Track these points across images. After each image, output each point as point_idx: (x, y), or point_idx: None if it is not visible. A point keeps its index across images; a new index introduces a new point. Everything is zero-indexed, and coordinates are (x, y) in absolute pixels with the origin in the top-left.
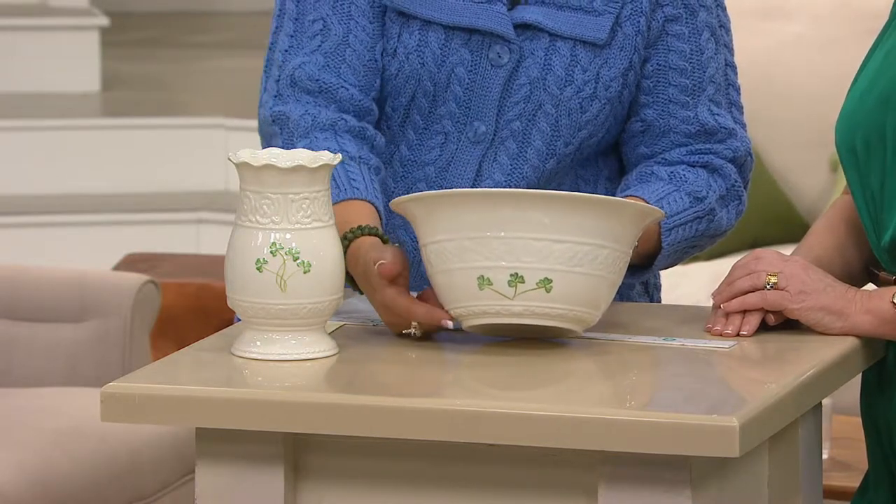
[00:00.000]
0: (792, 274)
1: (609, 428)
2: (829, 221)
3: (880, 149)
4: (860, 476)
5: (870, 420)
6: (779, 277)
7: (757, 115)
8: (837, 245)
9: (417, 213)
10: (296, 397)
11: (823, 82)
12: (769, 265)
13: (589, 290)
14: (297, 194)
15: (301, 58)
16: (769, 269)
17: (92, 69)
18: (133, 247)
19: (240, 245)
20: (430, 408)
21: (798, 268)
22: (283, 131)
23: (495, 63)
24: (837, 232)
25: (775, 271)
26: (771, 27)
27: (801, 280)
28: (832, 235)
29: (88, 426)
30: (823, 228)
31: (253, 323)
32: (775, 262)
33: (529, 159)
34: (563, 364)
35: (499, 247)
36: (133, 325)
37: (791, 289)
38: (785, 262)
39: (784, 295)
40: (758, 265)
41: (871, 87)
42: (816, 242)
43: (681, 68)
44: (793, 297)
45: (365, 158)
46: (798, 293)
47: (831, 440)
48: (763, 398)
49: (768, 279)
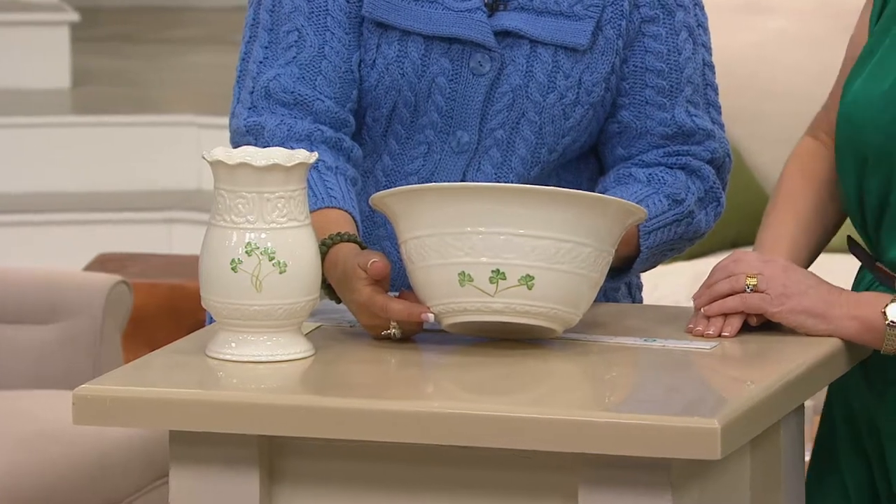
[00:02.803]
0: (772, 276)
1: (589, 430)
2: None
3: (888, 166)
4: None
5: (843, 406)
6: (759, 280)
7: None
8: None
9: (397, 208)
10: (271, 399)
11: (806, 79)
12: (749, 267)
13: (570, 288)
14: (272, 193)
15: (276, 69)
16: (749, 272)
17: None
18: (104, 247)
19: (214, 245)
20: (407, 410)
21: (778, 269)
22: (258, 141)
23: (477, 72)
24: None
25: (755, 273)
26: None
27: (781, 282)
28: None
29: (58, 429)
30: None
31: (227, 324)
32: (755, 264)
33: (514, 168)
34: (542, 365)
35: (480, 242)
36: (104, 327)
37: (771, 291)
38: (765, 264)
39: (764, 298)
40: (737, 267)
41: (890, 100)
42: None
43: (657, 70)
44: (773, 300)
45: (342, 169)
46: (778, 296)
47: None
48: (745, 399)
49: (748, 282)
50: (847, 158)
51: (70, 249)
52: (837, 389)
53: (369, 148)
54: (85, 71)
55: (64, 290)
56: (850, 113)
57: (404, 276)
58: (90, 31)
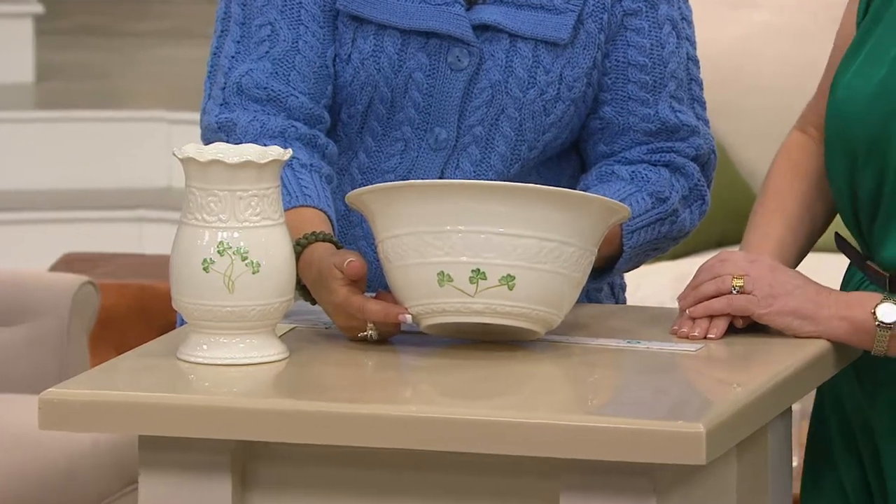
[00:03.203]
0: (758, 276)
1: (571, 435)
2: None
3: (880, 160)
4: None
5: (835, 406)
6: (745, 281)
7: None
8: (804, 200)
9: (374, 206)
10: (244, 403)
11: (792, 72)
12: (735, 268)
13: (553, 288)
14: (245, 191)
15: (248, 64)
16: (735, 272)
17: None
18: (71, 246)
19: (185, 244)
20: (384, 414)
21: (765, 270)
22: (230, 138)
23: (455, 67)
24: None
25: (741, 274)
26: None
27: (767, 283)
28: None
29: (23, 435)
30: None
31: (199, 326)
32: (741, 265)
33: (493, 165)
34: (524, 368)
35: (459, 241)
36: (71, 329)
37: (758, 292)
38: (751, 264)
39: (751, 299)
40: (723, 268)
41: (880, 94)
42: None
43: (640, 64)
44: (760, 302)
45: (316, 166)
46: (765, 297)
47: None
48: (731, 403)
49: (734, 283)
50: (838, 154)
51: (35, 249)
52: (829, 389)
53: (345, 145)
54: (49, 65)
55: (29, 290)
56: (839, 108)
57: (381, 276)
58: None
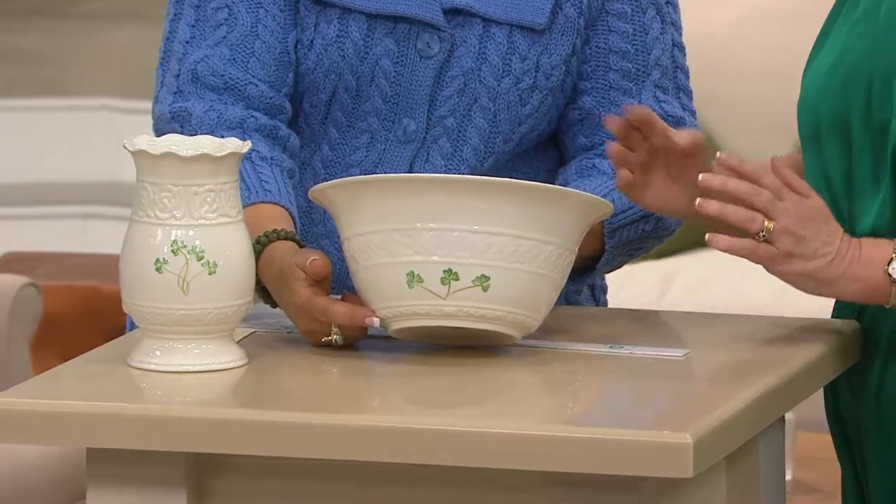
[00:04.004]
0: (785, 228)
1: (550, 446)
2: None
3: (843, 134)
4: (827, 499)
5: (836, 422)
6: (774, 227)
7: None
8: None
9: (339, 201)
10: (200, 413)
11: (785, 58)
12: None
13: (530, 290)
14: (200, 186)
15: (204, 50)
16: (770, 210)
17: None
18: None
19: (136, 243)
20: (350, 425)
21: (793, 221)
22: (184, 129)
23: (424, 54)
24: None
25: (771, 216)
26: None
27: (792, 239)
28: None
29: None
30: None
31: (151, 330)
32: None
33: (466, 159)
34: (499, 375)
35: (430, 240)
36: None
37: (780, 246)
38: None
39: (772, 254)
40: (758, 197)
41: (836, 65)
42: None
43: (623, 51)
44: (777, 258)
45: (277, 160)
46: (786, 254)
47: (795, 459)
48: (719, 412)
49: (764, 227)
50: (808, 138)
51: None
52: (829, 392)
53: (307, 137)
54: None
55: None
56: (805, 92)
57: (346, 277)
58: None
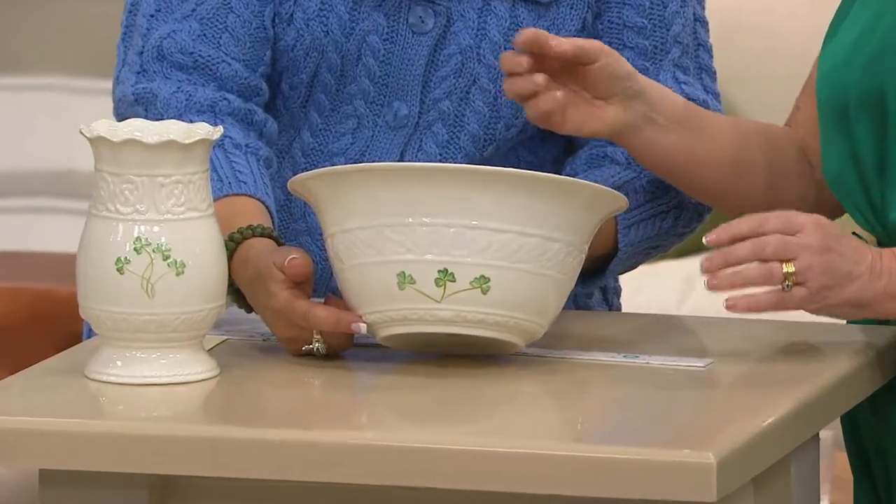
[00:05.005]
0: (810, 263)
1: (557, 467)
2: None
3: (877, 111)
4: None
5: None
6: (796, 268)
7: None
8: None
9: (322, 193)
10: (165, 430)
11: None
12: (782, 248)
13: (535, 292)
14: (167, 177)
15: (171, 24)
16: (783, 255)
17: None
18: None
19: (95, 240)
20: (334, 442)
21: (815, 253)
22: (148, 113)
23: (417, 29)
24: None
25: (789, 258)
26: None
27: (820, 271)
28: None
29: None
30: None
31: (112, 337)
32: (791, 246)
33: (463, 147)
34: (500, 387)
35: (424, 236)
36: None
37: (811, 285)
38: (801, 243)
39: (803, 297)
40: (767, 249)
41: (863, 37)
42: None
43: (638, 26)
44: (814, 297)
45: (253, 147)
46: (821, 289)
47: (832, 482)
48: (746, 429)
49: (786, 270)
50: (831, 115)
51: None
52: (846, 416)
53: (286, 122)
54: None
55: None
56: (826, 70)
57: (330, 278)
58: None
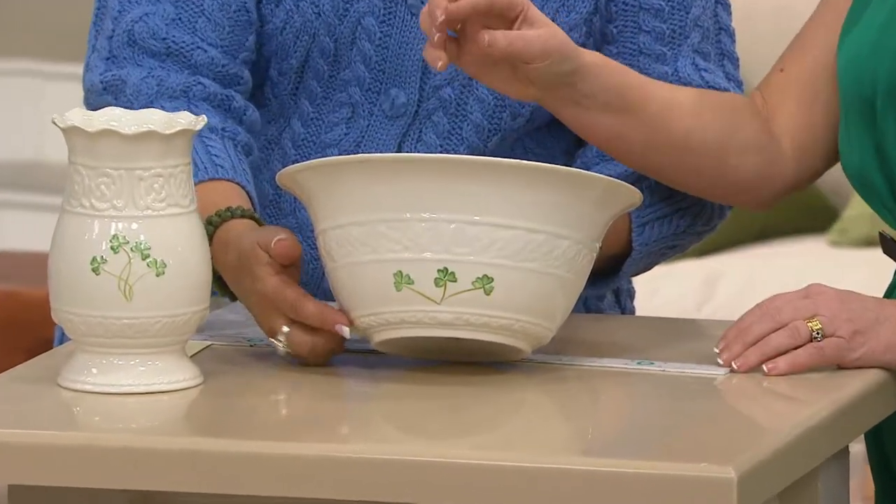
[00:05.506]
0: (833, 313)
1: (566, 482)
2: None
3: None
4: None
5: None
6: (821, 322)
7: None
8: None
9: (313, 186)
10: (145, 443)
11: None
12: (797, 309)
13: (542, 294)
14: (146, 170)
15: (143, 7)
16: (802, 314)
17: None
18: None
19: (69, 238)
20: (324, 456)
21: (833, 300)
22: (118, 101)
23: (416, 11)
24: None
25: (810, 314)
26: None
27: (846, 318)
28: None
29: None
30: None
31: (87, 343)
32: (803, 305)
33: (466, 137)
34: (505, 397)
35: (422, 233)
36: None
37: (842, 332)
38: (814, 299)
39: (840, 344)
40: (782, 314)
41: (891, 23)
42: None
43: (655, 8)
44: (850, 344)
45: (230, 132)
46: (853, 335)
47: (863, 499)
48: (769, 441)
49: (811, 327)
50: (855, 105)
51: None
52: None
53: (275, 111)
54: None
55: None
56: (849, 59)
57: (321, 278)
58: None
